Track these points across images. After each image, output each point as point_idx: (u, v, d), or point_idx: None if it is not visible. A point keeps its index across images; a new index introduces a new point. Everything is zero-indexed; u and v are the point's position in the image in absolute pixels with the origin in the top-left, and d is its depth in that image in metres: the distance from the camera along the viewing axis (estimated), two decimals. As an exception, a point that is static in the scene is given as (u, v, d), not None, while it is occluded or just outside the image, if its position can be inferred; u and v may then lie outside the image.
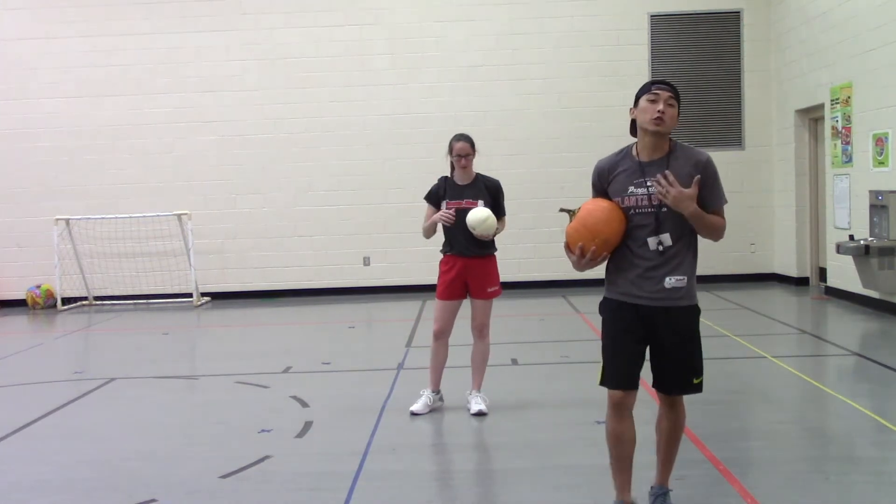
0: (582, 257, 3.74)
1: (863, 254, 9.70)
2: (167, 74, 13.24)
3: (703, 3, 13.03)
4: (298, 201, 13.34)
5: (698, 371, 3.96)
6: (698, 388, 3.95)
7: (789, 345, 8.59)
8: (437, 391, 6.17)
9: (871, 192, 9.97)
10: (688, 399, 3.93)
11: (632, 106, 3.87)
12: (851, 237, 10.22)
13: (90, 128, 13.29)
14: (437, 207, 6.04)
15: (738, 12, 13.07)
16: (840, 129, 10.86)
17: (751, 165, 13.19)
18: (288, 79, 13.23)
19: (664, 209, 3.75)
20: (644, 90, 3.83)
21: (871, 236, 9.92)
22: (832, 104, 11.06)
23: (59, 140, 13.31)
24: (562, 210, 4.05)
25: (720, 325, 9.28)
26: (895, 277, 9.53)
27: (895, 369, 7.02)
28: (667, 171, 3.70)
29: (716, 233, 3.79)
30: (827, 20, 11.09)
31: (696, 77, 13.01)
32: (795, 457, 5.00)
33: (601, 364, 3.90)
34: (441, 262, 6.11)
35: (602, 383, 3.89)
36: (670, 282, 3.78)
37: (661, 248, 3.75)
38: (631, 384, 3.85)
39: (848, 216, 10.67)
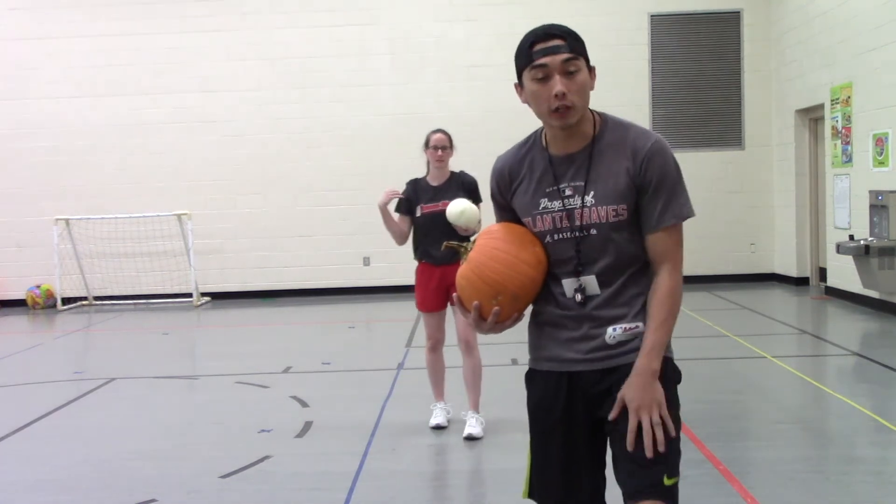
0: (482, 320, 2.44)
1: (863, 254, 9.70)
2: (167, 74, 13.24)
3: (703, 3, 13.03)
4: (298, 201, 13.34)
5: (671, 466, 2.37)
6: (670, 496, 2.36)
7: (789, 345, 8.59)
8: (444, 401, 5.87)
9: (871, 192, 9.96)
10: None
11: (515, 83, 2.45)
12: (851, 237, 10.22)
13: (90, 128, 13.29)
14: (413, 215, 5.60)
15: (738, 12, 13.06)
16: (840, 129, 10.86)
17: (751, 165, 13.19)
18: (288, 79, 13.22)
19: (592, 231, 2.39)
20: (524, 60, 2.38)
21: (871, 236, 9.91)
22: (832, 104, 11.06)
23: (59, 140, 13.30)
24: (447, 246, 2.73)
25: (720, 325, 9.28)
26: (895, 277, 9.53)
27: (895, 369, 7.02)
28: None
29: (675, 306, 2.38)
30: (827, 20, 11.09)
31: (696, 77, 13.02)
32: (795, 457, 4.99)
33: (526, 470, 2.59)
34: (417, 270, 5.67)
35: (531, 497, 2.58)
36: (614, 333, 2.40)
37: (579, 297, 2.42)
38: None
39: (848, 216, 10.67)
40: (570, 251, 2.42)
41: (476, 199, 5.63)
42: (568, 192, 2.41)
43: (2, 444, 5.84)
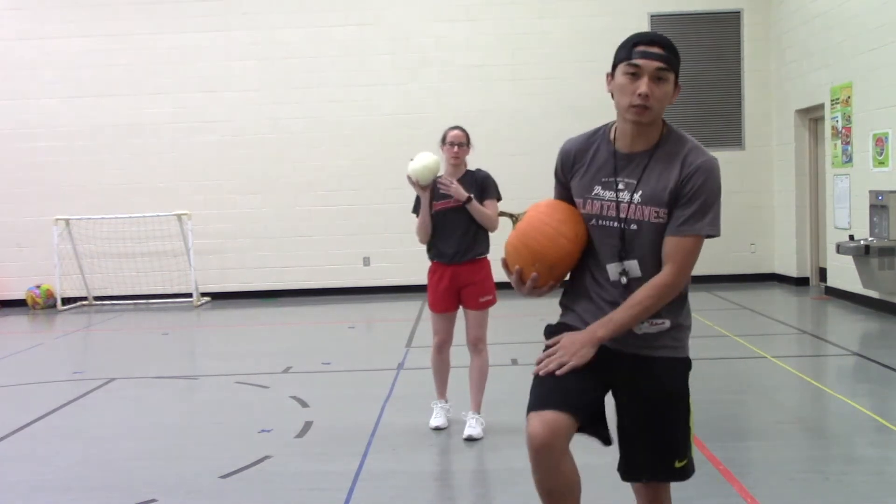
0: (521, 283, 2.76)
1: (863, 254, 9.70)
2: (167, 74, 13.24)
3: (703, 3, 13.03)
4: (298, 201, 13.34)
5: (681, 450, 2.84)
6: (682, 474, 2.86)
7: (789, 345, 8.59)
8: (446, 399, 5.89)
9: (871, 192, 9.97)
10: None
11: (608, 72, 2.74)
12: (851, 237, 10.22)
13: (90, 128, 13.29)
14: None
15: (738, 12, 13.07)
16: (840, 129, 10.86)
17: (751, 165, 13.19)
18: (288, 79, 13.23)
19: (633, 226, 2.66)
20: (623, 54, 2.65)
21: (871, 236, 9.92)
22: (832, 104, 11.06)
23: (59, 140, 13.30)
24: (502, 214, 3.14)
25: (720, 325, 9.28)
26: (895, 277, 9.53)
27: (895, 369, 7.02)
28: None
29: (656, 299, 2.63)
30: (827, 20, 11.09)
31: (696, 77, 13.00)
32: (795, 457, 5.00)
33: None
34: (429, 269, 5.72)
35: (528, 411, 2.69)
36: (642, 325, 2.69)
37: (623, 279, 2.69)
38: (568, 405, 2.61)
39: (848, 216, 10.67)
40: (613, 238, 2.68)
41: (489, 194, 5.54)
42: (621, 186, 2.67)
43: (2, 444, 5.84)
